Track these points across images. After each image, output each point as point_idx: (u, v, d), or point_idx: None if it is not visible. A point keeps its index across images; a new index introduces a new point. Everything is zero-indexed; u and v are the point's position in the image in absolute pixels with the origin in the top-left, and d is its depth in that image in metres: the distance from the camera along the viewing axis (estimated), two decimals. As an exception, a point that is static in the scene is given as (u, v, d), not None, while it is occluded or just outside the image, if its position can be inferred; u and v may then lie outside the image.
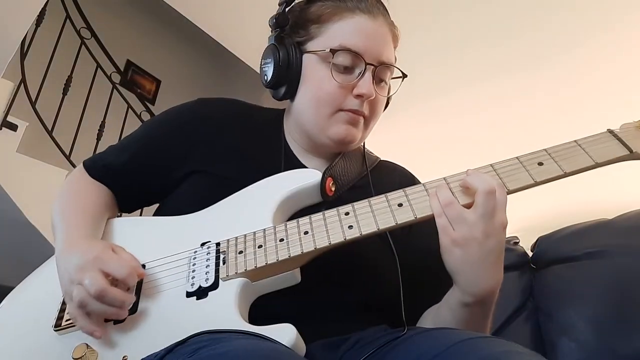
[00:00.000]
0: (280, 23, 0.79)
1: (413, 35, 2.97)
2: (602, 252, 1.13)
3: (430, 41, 3.16)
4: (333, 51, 0.74)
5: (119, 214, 0.85)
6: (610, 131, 0.65)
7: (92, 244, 0.68)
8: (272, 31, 0.80)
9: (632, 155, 0.63)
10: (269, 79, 0.78)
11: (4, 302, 0.75)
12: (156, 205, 0.86)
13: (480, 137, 3.86)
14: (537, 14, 2.87)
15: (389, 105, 0.86)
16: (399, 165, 0.93)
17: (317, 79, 0.76)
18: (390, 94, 0.83)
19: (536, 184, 0.63)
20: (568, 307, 1.11)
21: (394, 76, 0.81)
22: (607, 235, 1.17)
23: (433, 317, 0.73)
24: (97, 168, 0.84)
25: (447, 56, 3.32)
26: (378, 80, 0.78)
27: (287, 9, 0.79)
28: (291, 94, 0.79)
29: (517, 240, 1.36)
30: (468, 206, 0.61)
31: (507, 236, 1.36)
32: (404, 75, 0.81)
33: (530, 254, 1.31)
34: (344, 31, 0.75)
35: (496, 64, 3.31)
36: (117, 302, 0.61)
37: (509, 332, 1.16)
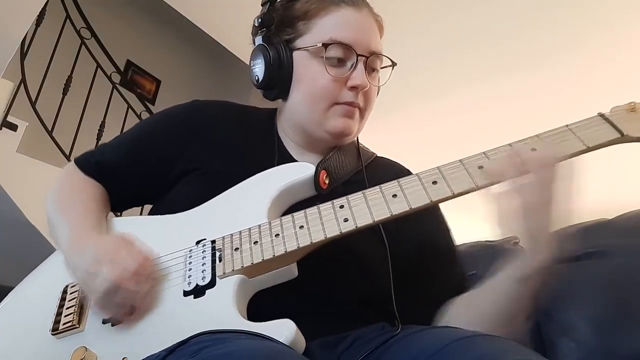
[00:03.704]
0: (266, 23, 0.79)
1: (411, 36, 2.97)
2: (602, 252, 1.12)
3: (428, 41, 3.17)
4: (325, 45, 0.74)
5: (118, 214, 0.85)
6: (601, 115, 0.65)
7: (104, 238, 0.69)
8: (257, 32, 0.80)
9: (623, 139, 0.62)
10: (260, 79, 0.79)
11: (0, 305, 0.75)
12: (150, 206, 0.86)
13: (478, 137, 3.86)
14: (536, 14, 2.87)
15: (386, 105, 0.86)
16: (396, 162, 0.93)
17: (310, 75, 0.76)
18: (382, 83, 0.83)
19: None
20: (568, 307, 1.11)
21: (383, 65, 0.82)
22: (607, 235, 1.17)
23: (467, 304, 0.71)
24: (90, 165, 0.83)
25: (445, 56, 3.32)
26: (370, 70, 0.79)
27: (270, 8, 0.79)
28: (284, 93, 0.79)
29: (517, 240, 1.35)
30: None
31: (507, 236, 1.36)
32: (394, 64, 0.82)
33: (530, 253, 1.30)
34: (332, 25, 0.76)
35: (494, 64, 3.32)
36: (133, 293, 0.62)
37: (508, 332, 1.15)
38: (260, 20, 0.79)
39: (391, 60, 0.81)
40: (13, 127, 2.84)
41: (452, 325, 0.69)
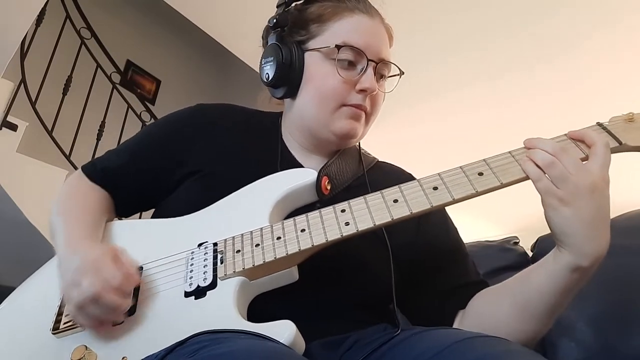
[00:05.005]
0: (280, 23, 0.80)
1: (411, 36, 2.97)
2: (602, 252, 1.12)
3: (428, 41, 3.17)
4: (338, 47, 0.75)
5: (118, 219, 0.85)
6: (599, 124, 0.66)
7: (93, 247, 0.68)
8: (271, 32, 0.81)
9: (621, 148, 0.64)
10: (270, 77, 0.79)
11: (2, 305, 0.75)
12: (153, 210, 0.86)
13: (476, 137, 3.86)
14: (536, 14, 2.87)
15: (387, 104, 0.86)
16: (396, 166, 0.93)
17: (320, 75, 0.77)
18: (389, 90, 0.84)
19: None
20: (568, 307, 1.11)
21: (390, 74, 0.83)
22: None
23: (508, 299, 0.67)
24: (96, 171, 0.84)
25: (445, 57, 3.32)
26: (378, 76, 0.80)
27: (284, 10, 0.81)
28: (292, 92, 0.80)
29: (517, 240, 1.35)
30: None
31: (507, 236, 1.36)
32: (401, 73, 0.83)
33: (530, 254, 1.30)
34: (345, 29, 0.77)
35: (494, 64, 3.32)
36: (112, 307, 0.61)
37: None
38: (275, 20, 0.80)
39: (399, 68, 0.82)
40: (13, 127, 2.84)
41: (486, 318, 0.70)
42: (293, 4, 0.82)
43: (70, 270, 0.65)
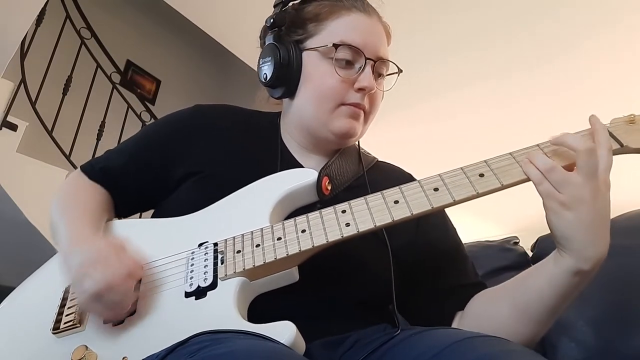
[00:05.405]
0: (278, 23, 0.80)
1: (411, 35, 2.97)
2: (602, 252, 1.12)
3: (428, 41, 3.17)
4: (336, 46, 0.75)
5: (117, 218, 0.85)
6: None
7: (96, 241, 0.68)
8: (268, 32, 0.81)
9: (623, 149, 0.63)
10: (268, 77, 0.79)
11: (2, 305, 0.75)
12: (152, 211, 0.86)
13: (476, 137, 3.86)
14: (536, 15, 2.87)
15: (387, 104, 0.86)
16: (396, 166, 0.93)
17: (319, 75, 0.77)
18: (387, 88, 0.84)
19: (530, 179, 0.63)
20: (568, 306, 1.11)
21: (389, 72, 0.83)
22: (607, 235, 1.16)
23: (507, 301, 0.68)
24: (94, 171, 0.84)
25: (445, 57, 3.32)
26: (377, 75, 0.79)
27: (282, 9, 0.81)
28: (291, 92, 0.80)
29: (517, 240, 1.35)
30: (566, 168, 0.59)
31: (507, 236, 1.36)
32: (400, 71, 0.82)
33: (530, 254, 1.30)
34: (343, 28, 0.77)
35: (494, 64, 3.32)
36: (126, 293, 0.62)
37: (509, 332, 1.15)
38: (272, 20, 0.80)
39: (397, 67, 0.82)
40: (13, 127, 2.84)
41: (485, 319, 0.70)
42: (290, 4, 0.82)
43: (77, 264, 0.65)
